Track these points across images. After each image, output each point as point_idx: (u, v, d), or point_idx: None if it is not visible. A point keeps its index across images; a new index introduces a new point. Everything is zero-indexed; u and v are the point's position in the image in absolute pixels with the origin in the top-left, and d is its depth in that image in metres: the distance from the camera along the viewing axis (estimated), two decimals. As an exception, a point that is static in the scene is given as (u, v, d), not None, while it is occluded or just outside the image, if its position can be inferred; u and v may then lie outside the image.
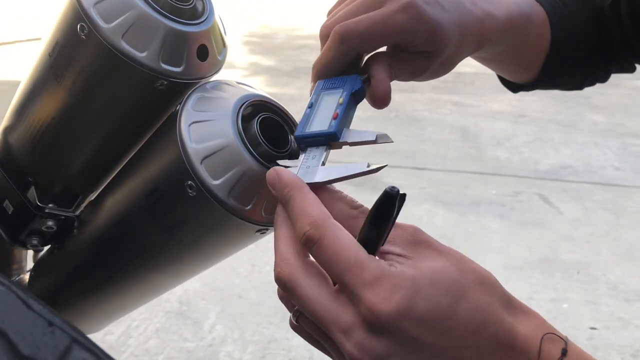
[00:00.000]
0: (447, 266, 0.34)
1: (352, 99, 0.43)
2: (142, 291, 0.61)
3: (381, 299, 0.32)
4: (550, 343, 0.35)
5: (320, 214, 0.35)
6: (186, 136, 0.45)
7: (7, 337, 0.24)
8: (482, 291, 0.35)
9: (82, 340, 0.27)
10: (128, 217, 0.52)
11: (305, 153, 0.43)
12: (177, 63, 0.48)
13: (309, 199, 0.36)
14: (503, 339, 0.34)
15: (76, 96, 0.50)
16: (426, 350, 0.33)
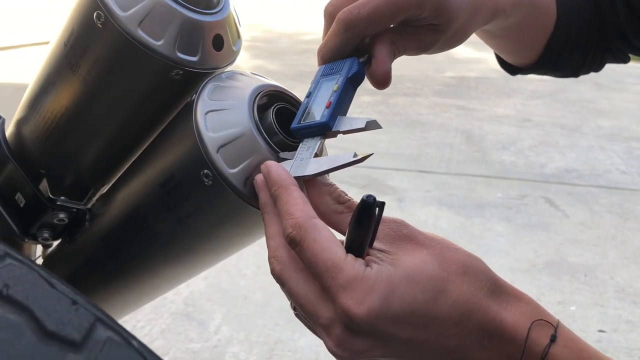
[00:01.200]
0: (427, 260, 0.35)
1: (348, 83, 0.43)
2: (154, 284, 0.60)
3: (354, 302, 0.33)
4: (539, 329, 0.34)
5: (302, 214, 0.36)
6: (202, 125, 0.45)
7: (33, 313, 0.24)
8: (465, 281, 0.34)
9: (105, 319, 0.26)
10: (142, 207, 0.52)
11: (302, 144, 0.43)
12: (193, 52, 0.48)
13: (294, 198, 0.37)
14: (489, 326, 0.34)
15: (91, 86, 0.50)
16: (406, 344, 0.35)
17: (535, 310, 0.35)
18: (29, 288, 0.25)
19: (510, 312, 0.35)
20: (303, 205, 0.36)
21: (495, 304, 0.35)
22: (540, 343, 0.34)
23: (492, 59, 0.67)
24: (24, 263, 0.28)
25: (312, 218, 0.36)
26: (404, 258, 0.35)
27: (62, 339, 0.23)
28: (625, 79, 5.86)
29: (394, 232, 0.36)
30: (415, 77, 5.97)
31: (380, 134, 3.90)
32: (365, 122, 0.40)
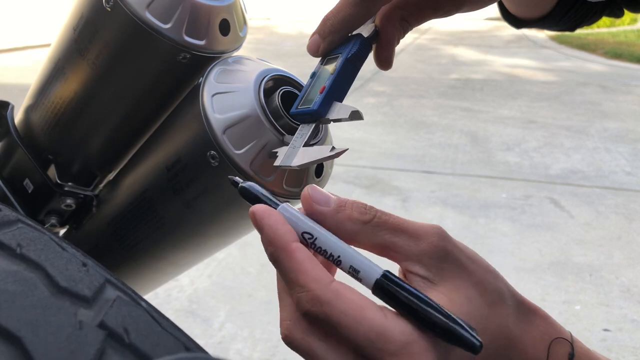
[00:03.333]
0: (471, 296, 0.32)
1: (347, 65, 0.43)
2: (161, 269, 0.61)
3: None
4: (558, 347, 0.34)
5: (317, 285, 0.30)
6: (209, 106, 0.45)
7: (45, 270, 0.24)
8: (499, 312, 0.33)
9: (114, 281, 0.27)
10: (148, 191, 0.53)
11: (299, 129, 0.43)
12: (200, 36, 0.48)
13: (298, 263, 0.31)
14: (514, 353, 0.33)
15: (100, 70, 0.51)
16: None
17: (551, 326, 0.35)
18: (41, 249, 0.26)
19: (530, 333, 0.34)
20: (313, 271, 0.30)
21: (519, 327, 0.34)
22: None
23: (497, 62, 0.67)
24: (36, 228, 0.29)
25: (329, 285, 0.30)
26: (450, 295, 0.31)
27: (73, 294, 0.24)
28: (632, 81, 5.84)
29: (437, 251, 0.32)
30: (420, 79, 5.98)
31: (385, 135, 3.91)
32: (349, 113, 0.41)
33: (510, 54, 7.77)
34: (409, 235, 0.32)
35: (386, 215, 0.33)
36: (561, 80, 5.94)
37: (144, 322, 0.25)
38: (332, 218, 0.33)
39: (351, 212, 0.33)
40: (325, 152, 0.39)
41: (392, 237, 0.32)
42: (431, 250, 0.32)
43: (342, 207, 0.33)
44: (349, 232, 0.33)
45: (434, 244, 0.32)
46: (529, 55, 7.72)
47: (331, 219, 0.33)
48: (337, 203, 0.33)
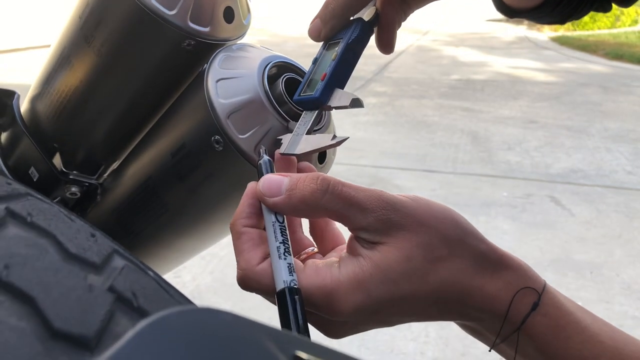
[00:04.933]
0: (413, 256, 0.35)
1: (348, 51, 0.43)
2: (165, 257, 0.61)
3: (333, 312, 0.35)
4: (522, 298, 0.35)
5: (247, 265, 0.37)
6: (213, 92, 0.46)
7: (55, 237, 0.25)
8: (447, 267, 0.35)
9: (122, 252, 0.28)
10: (152, 178, 0.53)
11: (302, 116, 0.44)
12: (205, 23, 0.49)
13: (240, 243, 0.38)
14: (472, 303, 0.35)
15: (105, 57, 0.51)
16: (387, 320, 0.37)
17: (521, 277, 0.36)
18: (50, 218, 0.26)
19: (494, 284, 0.35)
20: (247, 254, 0.37)
21: (478, 278, 0.35)
22: (520, 312, 0.35)
23: (498, 63, 0.67)
24: (45, 201, 0.29)
25: (254, 267, 0.36)
26: (387, 254, 0.35)
27: (83, 260, 0.24)
28: (632, 82, 5.84)
29: (381, 222, 0.35)
30: (421, 80, 5.98)
31: (386, 134, 3.91)
32: (349, 101, 0.41)
33: (512, 55, 7.77)
34: (358, 208, 0.35)
35: (338, 186, 0.36)
36: (562, 81, 5.94)
37: (152, 288, 0.26)
38: (286, 205, 0.37)
39: (302, 194, 0.36)
40: (327, 141, 0.40)
41: (343, 209, 0.35)
42: (376, 223, 0.35)
43: (292, 190, 0.36)
44: (305, 212, 0.37)
45: (379, 217, 0.35)
46: (530, 56, 7.72)
47: (285, 206, 0.37)
48: (287, 189, 0.37)
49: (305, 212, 0.37)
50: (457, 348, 1.77)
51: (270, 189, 0.38)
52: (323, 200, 0.35)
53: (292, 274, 0.36)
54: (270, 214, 0.38)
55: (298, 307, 0.34)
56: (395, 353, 1.75)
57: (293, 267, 0.36)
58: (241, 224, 0.38)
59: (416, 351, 1.77)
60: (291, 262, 0.36)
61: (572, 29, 10.74)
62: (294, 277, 0.35)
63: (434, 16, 12.09)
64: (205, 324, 0.18)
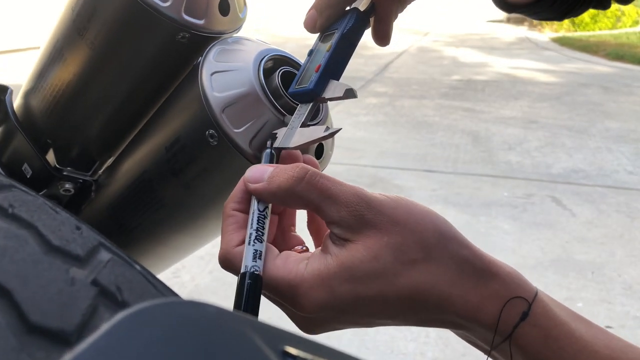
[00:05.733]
0: (382, 256, 0.34)
1: (343, 41, 0.42)
2: (161, 254, 0.61)
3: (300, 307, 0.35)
4: (511, 308, 0.34)
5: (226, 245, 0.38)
6: (208, 85, 0.45)
7: (37, 229, 0.24)
8: (420, 269, 0.34)
9: (109, 245, 0.27)
10: (147, 173, 0.52)
11: (297, 109, 0.43)
12: (199, 15, 0.48)
13: (225, 225, 0.39)
14: (452, 311, 0.34)
15: (98, 50, 0.50)
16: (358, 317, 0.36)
17: (510, 286, 0.34)
18: (34, 210, 0.25)
19: (479, 293, 0.34)
20: (229, 235, 0.38)
21: (459, 285, 0.34)
22: (509, 322, 0.34)
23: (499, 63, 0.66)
24: (29, 193, 0.28)
25: (232, 248, 0.37)
26: (355, 253, 0.34)
27: (66, 253, 0.23)
28: (633, 82, 5.84)
29: (354, 218, 0.35)
30: (422, 80, 5.97)
31: (387, 134, 3.90)
32: (343, 91, 0.41)
33: (512, 55, 7.77)
34: (332, 201, 0.35)
35: (316, 177, 0.36)
36: (563, 81, 5.93)
37: (138, 282, 0.25)
38: (264, 191, 0.37)
39: (280, 181, 0.37)
40: (320, 133, 0.40)
41: (319, 200, 0.36)
42: (349, 217, 0.35)
43: (272, 178, 0.37)
44: (282, 200, 0.37)
45: (352, 212, 0.35)
46: (530, 56, 7.71)
47: (264, 192, 0.37)
48: (269, 176, 0.38)
49: (282, 199, 0.37)
50: (457, 349, 1.76)
51: (254, 176, 0.39)
52: (299, 188, 0.36)
53: (255, 260, 0.36)
54: (254, 202, 0.38)
55: (250, 291, 0.35)
56: (395, 353, 1.74)
57: (259, 254, 0.36)
58: (230, 207, 0.39)
59: (416, 352, 1.76)
60: (260, 249, 0.36)
61: (573, 29, 10.73)
62: (256, 264, 0.36)
63: (434, 17, 12.09)
64: (188, 317, 0.17)
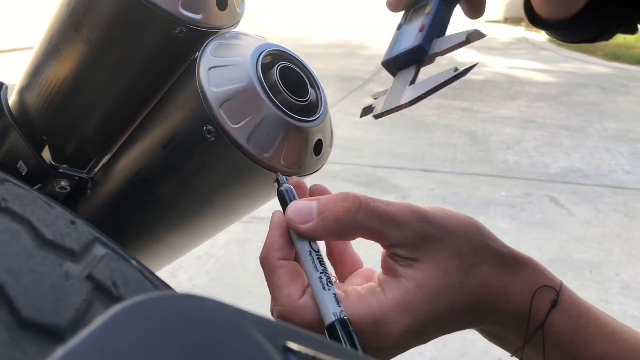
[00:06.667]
0: (450, 269, 0.34)
1: (442, 5, 0.40)
2: (158, 253, 0.60)
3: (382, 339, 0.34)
4: (542, 295, 0.35)
5: (288, 300, 0.35)
6: (205, 80, 0.44)
7: (31, 224, 0.23)
8: (477, 274, 0.35)
9: (105, 240, 0.26)
10: (144, 170, 0.52)
11: (395, 77, 0.41)
12: (197, 10, 0.47)
13: (278, 279, 0.36)
14: (498, 306, 0.35)
15: (95, 45, 0.50)
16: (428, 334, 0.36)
17: (539, 276, 0.36)
18: (27, 204, 0.25)
19: (515, 285, 0.35)
20: (287, 289, 0.35)
21: (502, 280, 0.35)
22: (541, 310, 0.35)
23: (497, 64, 0.66)
24: (24, 187, 0.28)
25: (296, 302, 0.34)
26: (427, 272, 0.34)
27: (60, 247, 0.23)
28: (631, 82, 5.84)
29: (417, 236, 0.35)
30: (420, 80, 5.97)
31: (385, 134, 3.90)
32: (466, 36, 0.37)
33: (510, 55, 7.78)
34: (393, 224, 0.34)
35: (371, 202, 0.35)
36: (561, 81, 5.94)
37: (135, 278, 0.24)
38: (320, 230, 0.35)
39: (336, 215, 0.35)
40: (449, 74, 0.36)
41: (379, 226, 0.34)
42: (413, 236, 0.34)
43: (324, 213, 0.35)
44: (340, 234, 0.35)
45: (415, 230, 0.34)
46: (528, 57, 7.72)
47: (320, 230, 0.35)
48: (319, 212, 0.35)
49: (340, 234, 0.35)
50: (455, 349, 1.75)
51: (300, 215, 0.36)
52: (358, 218, 0.34)
53: (339, 304, 0.34)
54: (305, 243, 0.36)
55: (355, 338, 0.33)
56: (394, 353, 1.74)
57: (338, 298, 0.34)
58: (276, 257, 0.36)
59: (414, 352, 1.75)
60: (335, 292, 0.34)
61: (570, 29, 10.73)
62: (342, 308, 0.33)
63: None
64: (185, 311, 0.16)
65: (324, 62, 6.74)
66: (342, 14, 11.40)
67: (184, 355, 0.14)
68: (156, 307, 0.16)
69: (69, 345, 0.14)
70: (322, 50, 7.71)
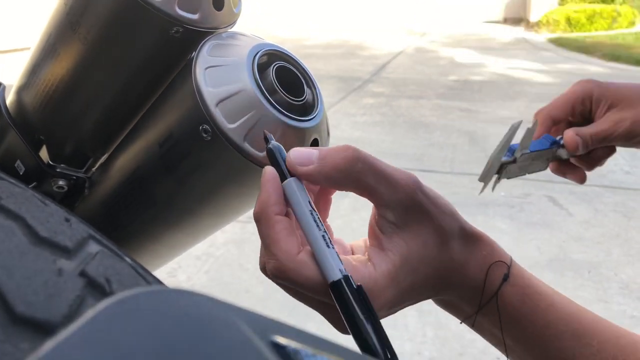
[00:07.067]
0: (429, 242, 0.36)
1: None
2: (155, 252, 0.60)
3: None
4: (495, 270, 0.39)
5: (286, 255, 0.34)
6: (201, 80, 0.45)
7: (25, 221, 0.24)
8: (446, 248, 0.37)
9: (99, 237, 0.26)
10: (140, 169, 0.52)
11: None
12: (193, 10, 0.48)
13: (275, 233, 0.35)
14: (456, 275, 0.38)
15: (92, 45, 0.50)
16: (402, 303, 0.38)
17: (493, 252, 0.39)
18: (22, 201, 0.25)
19: (473, 259, 0.38)
20: (285, 244, 0.34)
21: (462, 255, 0.38)
22: (494, 283, 0.38)
23: (496, 64, 0.67)
24: (18, 185, 0.28)
25: (295, 257, 0.34)
26: (409, 242, 0.36)
27: (54, 244, 0.23)
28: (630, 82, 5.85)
29: (408, 200, 0.36)
30: (419, 80, 5.97)
31: (384, 134, 3.90)
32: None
33: (509, 55, 7.78)
34: (388, 184, 0.35)
35: (370, 157, 0.36)
36: (560, 81, 5.94)
37: (128, 275, 0.24)
38: (318, 174, 0.36)
39: (335, 162, 0.35)
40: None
41: (374, 181, 0.35)
42: (405, 200, 0.36)
43: (324, 159, 0.36)
44: (336, 182, 0.36)
45: (408, 193, 0.36)
46: (527, 57, 7.72)
47: (318, 175, 0.36)
48: (319, 157, 0.36)
49: (337, 181, 0.36)
50: (454, 347, 1.75)
51: (302, 157, 0.36)
52: (356, 169, 0.35)
53: (342, 262, 0.34)
54: (305, 203, 0.35)
55: (363, 292, 0.33)
56: (392, 353, 1.74)
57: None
58: (273, 212, 0.35)
59: (413, 351, 1.75)
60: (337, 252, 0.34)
61: (569, 30, 10.76)
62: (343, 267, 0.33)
63: (431, 18, 12.10)
64: (175, 305, 0.16)
65: (323, 62, 6.74)
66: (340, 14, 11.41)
67: (173, 348, 0.15)
68: (146, 301, 0.16)
69: (59, 337, 0.14)
70: (321, 51, 7.72)
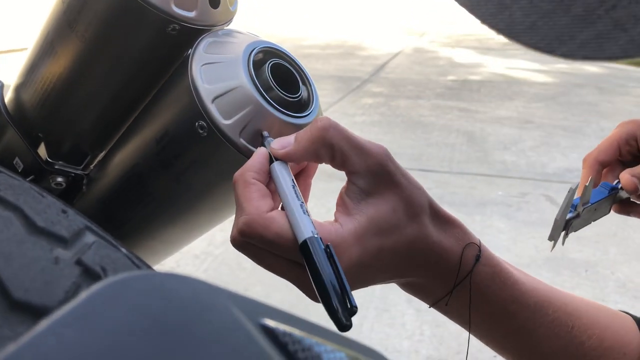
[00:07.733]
0: (398, 209, 0.38)
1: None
2: (152, 249, 0.61)
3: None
4: (467, 251, 0.41)
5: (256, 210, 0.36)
6: (197, 76, 0.45)
7: (23, 211, 0.24)
8: (419, 222, 0.39)
9: (95, 229, 0.27)
10: (138, 166, 0.52)
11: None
12: (190, 7, 0.48)
13: (249, 192, 0.37)
14: (432, 255, 0.40)
15: (89, 43, 0.51)
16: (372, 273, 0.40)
17: (464, 234, 0.41)
18: (19, 193, 0.26)
19: (448, 240, 0.40)
20: (257, 201, 0.37)
21: (438, 234, 0.40)
22: (466, 263, 0.40)
23: (495, 64, 0.67)
24: (17, 178, 0.29)
25: (264, 213, 0.36)
26: (378, 206, 0.37)
27: (51, 234, 0.23)
28: (628, 82, 5.85)
29: (378, 168, 0.38)
30: (418, 80, 5.98)
31: (382, 134, 3.91)
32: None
33: (508, 55, 7.79)
34: (360, 152, 0.37)
35: (340, 126, 0.38)
36: (558, 81, 5.95)
37: (123, 264, 0.25)
38: (295, 151, 0.39)
39: (309, 134, 0.38)
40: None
41: (347, 148, 0.37)
42: (375, 167, 0.38)
43: (299, 136, 0.39)
44: (313, 152, 0.38)
45: (378, 162, 0.38)
46: (526, 57, 7.73)
47: (295, 152, 0.39)
48: (296, 139, 0.39)
49: (313, 152, 0.38)
50: (451, 346, 1.76)
51: (281, 142, 0.40)
52: (329, 134, 0.37)
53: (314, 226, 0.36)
54: (288, 177, 0.38)
55: (332, 251, 0.34)
56: (390, 351, 1.75)
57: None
58: (250, 176, 0.38)
59: (410, 349, 1.76)
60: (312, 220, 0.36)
61: (568, 30, 10.73)
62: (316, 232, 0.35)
63: (430, 18, 12.11)
64: (166, 288, 0.17)
65: (322, 62, 6.75)
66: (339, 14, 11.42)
67: (163, 328, 0.15)
68: (139, 284, 0.16)
69: (53, 316, 0.14)
70: (320, 51, 7.72)
